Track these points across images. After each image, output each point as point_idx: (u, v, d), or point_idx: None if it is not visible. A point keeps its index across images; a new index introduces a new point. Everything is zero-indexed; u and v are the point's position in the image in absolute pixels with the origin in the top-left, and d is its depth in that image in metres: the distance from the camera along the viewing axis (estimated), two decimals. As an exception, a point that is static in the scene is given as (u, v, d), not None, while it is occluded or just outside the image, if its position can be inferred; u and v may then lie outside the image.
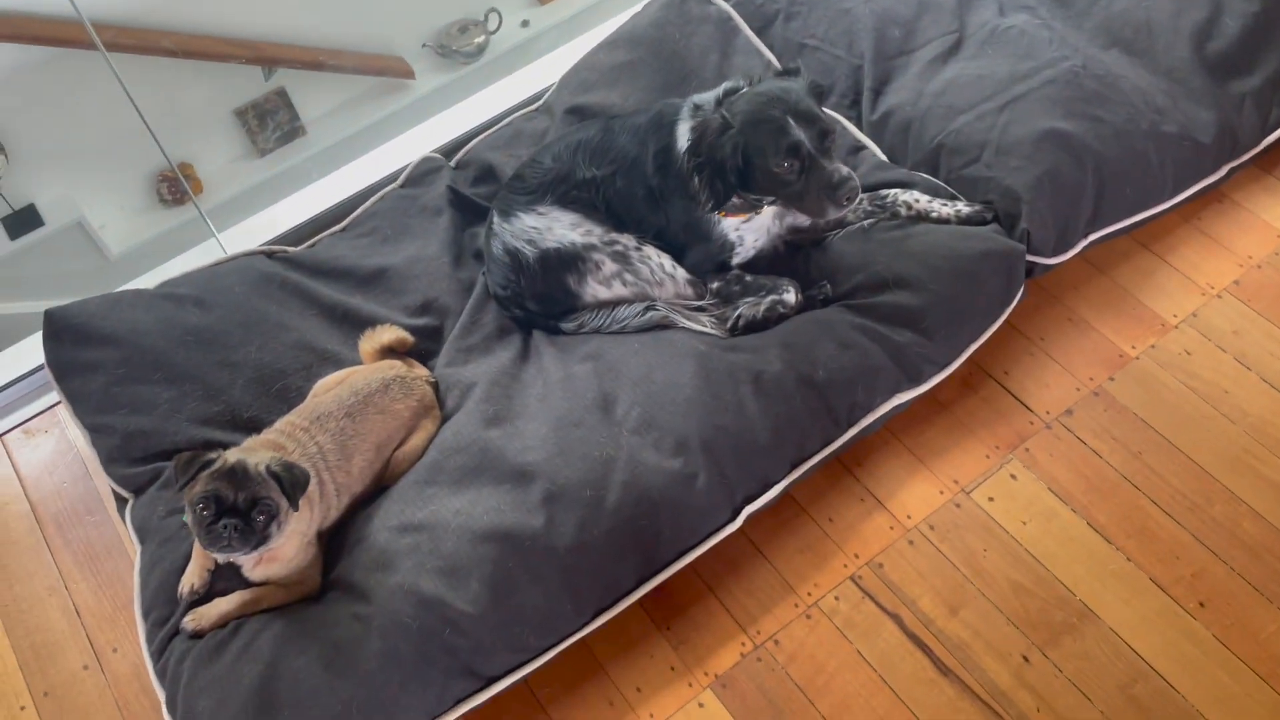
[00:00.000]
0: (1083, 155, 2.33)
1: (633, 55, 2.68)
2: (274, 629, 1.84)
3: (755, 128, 2.03)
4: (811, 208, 2.08)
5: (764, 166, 2.04)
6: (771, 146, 2.02)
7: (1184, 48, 2.53)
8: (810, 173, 2.03)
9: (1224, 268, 2.48)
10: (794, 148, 2.01)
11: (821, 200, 2.04)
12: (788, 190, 2.07)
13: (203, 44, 3.91)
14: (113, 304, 2.26)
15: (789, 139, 2.00)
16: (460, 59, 4.51)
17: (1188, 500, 2.14)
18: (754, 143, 2.03)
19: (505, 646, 1.88)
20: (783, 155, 2.01)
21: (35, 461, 2.46)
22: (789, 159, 2.02)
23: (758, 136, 2.03)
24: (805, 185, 2.04)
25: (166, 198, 4.19)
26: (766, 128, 2.02)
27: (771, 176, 2.05)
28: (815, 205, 2.06)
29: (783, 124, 2.01)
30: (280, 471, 1.75)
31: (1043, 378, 2.35)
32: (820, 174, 2.02)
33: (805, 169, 2.03)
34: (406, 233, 2.51)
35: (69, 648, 2.17)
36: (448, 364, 2.26)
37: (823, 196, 2.03)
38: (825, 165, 2.02)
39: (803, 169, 2.03)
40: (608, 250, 2.22)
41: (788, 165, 2.02)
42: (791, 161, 2.02)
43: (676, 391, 2.05)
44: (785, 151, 2.01)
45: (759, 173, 2.06)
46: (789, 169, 2.03)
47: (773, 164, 2.03)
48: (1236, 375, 2.31)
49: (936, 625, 2.03)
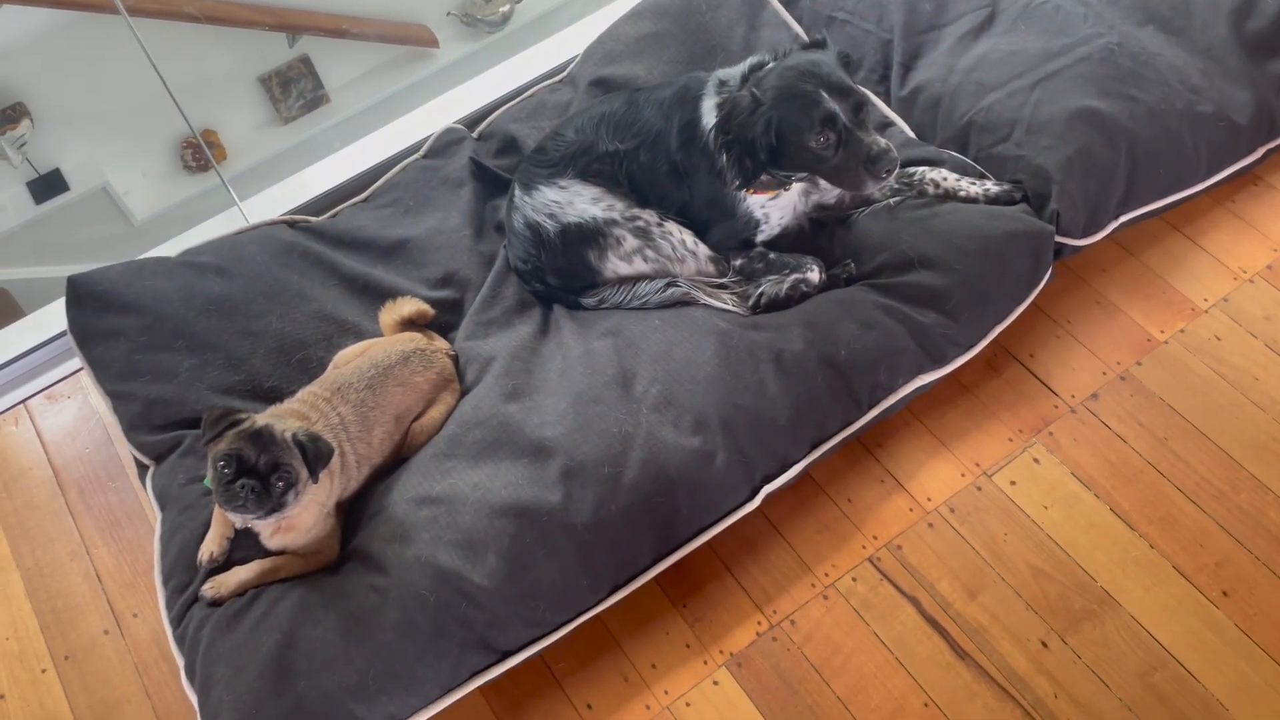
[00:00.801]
0: (1115, 135, 2.29)
1: (658, 27, 2.64)
2: (291, 598, 1.86)
3: (788, 103, 2.00)
4: (849, 181, 2.05)
5: (799, 142, 2.01)
6: (806, 121, 1.98)
7: (1222, 26, 2.47)
8: (847, 146, 2.00)
9: (1257, 252, 2.44)
10: (829, 120, 1.97)
11: (860, 173, 2.01)
12: (824, 165, 2.04)
13: (227, 10, 3.90)
14: (135, 271, 2.27)
15: (823, 112, 1.97)
16: (485, 28, 4.48)
17: (1213, 488, 2.12)
18: (787, 118, 2.00)
19: (521, 621, 1.88)
20: (818, 129, 1.98)
21: (58, 427, 2.47)
22: (825, 133, 1.98)
23: (791, 112, 2.00)
24: (843, 159, 2.01)
25: (191, 164, 4.20)
26: (800, 102, 1.99)
27: (807, 152, 2.02)
28: (853, 179, 2.03)
29: (816, 98, 1.97)
30: (306, 441, 1.76)
31: (1069, 361, 2.32)
32: (858, 147, 1.99)
33: (842, 142, 1.99)
34: (428, 204, 2.50)
35: (90, 612, 2.19)
36: (468, 337, 2.25)
37: (861, 169, 2.00)
38: (862, 138, 1.99)
39: (839, 143, 1.99)
40: (629, 225, 2.20)
41: (824, 140, 1.99)
42: (828, 135, 1.99)
43: (696, 369, 2.04)
44: (821, 125, 1.98)
45: (793, 149, 2.02)
46: (825, 143, 2.00)
47: (809, 139, 1.99)
48: (1268, 362, 2.27)
49: (955, 609, 2.02)
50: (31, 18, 3.63)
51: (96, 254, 2.78)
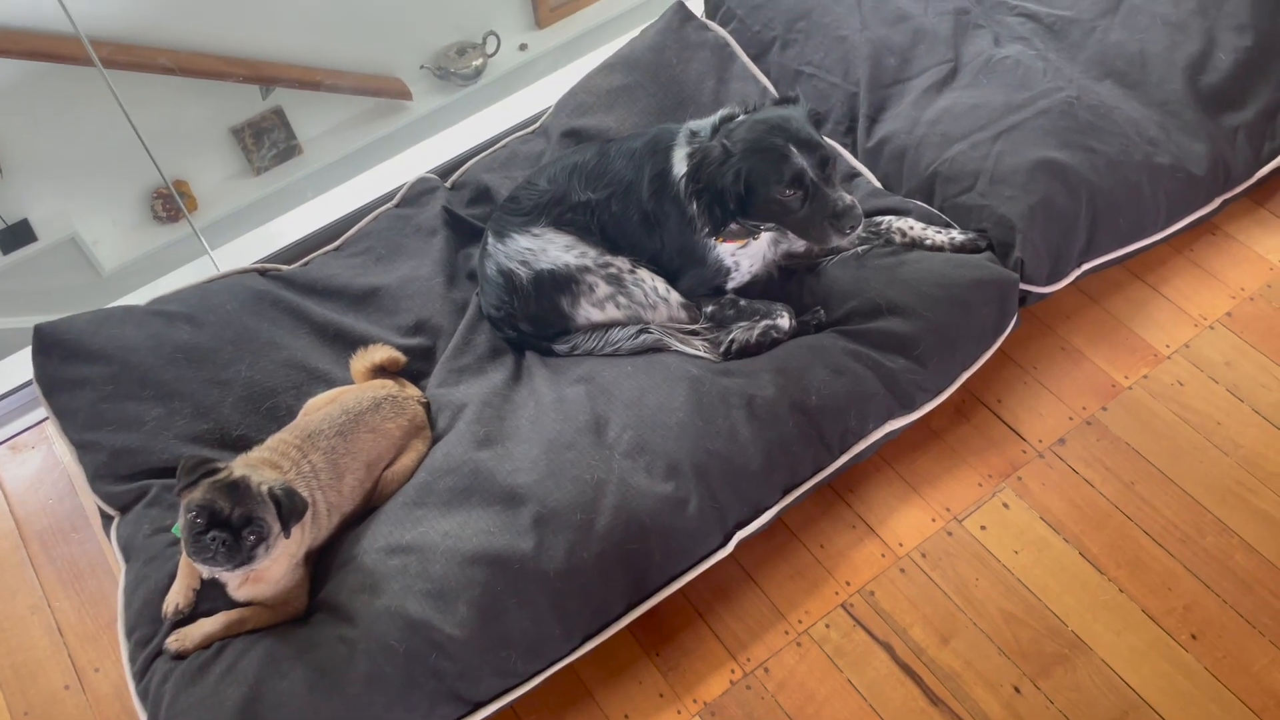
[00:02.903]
0: (1076, 185, 2.34)
1: (630, 79, 2.69)
2: (258, 650, 1.82)
3: (758, 155, 2.03)
4: (815, 234, 2.08)
5: (766, 194, 2.04)
6: (774, 174, 2.02)
7: (1177, 80, 2.55)
8: (814, 200, 2.03)
9: (1216, 299, 2.49)
10: (797, 176, 2.01)
11: (825, 228, 2.05)
12: (790, 218, 2.07)
13: (200, 62, 3.91)
14: (103, 320, 2.25)
15: (792, 167, 2.01)
16: (458, 81, 4.52)
17: (1180, 531, 2.14)
18: (756, 170, 2.04)
19: (492, 671, 1.86)
20: (786, 183, 2.02)
21: (21, 478, 2.43)
22: (792, 187, 2.02)
23: (760, 164, 2.03)
24: (809, 213, 2.05)
25: (161, 214, 4.18)
26: (769, 156, 2.02)
27: (774, 204, 2.05)
28: (818, 233, 2.07)
29: (785, 152, 2.01)
30: (281, 496, 1.74)
31: (1036, 406, 2.35)
32: (824, 202, 2.02)
33: (809, 197, 2.03)
34: (400, 252, 2.50)
35: (50, 667, 2.14)
36: (439, 384, 2.25)
37: (826, 224, 2.04)
38: (829, 193, 2.02)
39: (806, 197, 2.03)
40: (602, 273, 2.22)
41: (791, 193, 2.03)
42: (795, 190, 2.02)
43: (669, 415, 2.04)
44: (789, 180, 2.01)
45: (761, 200, 2.06)
46: (792, 197, 2.03)
47: (775, 192, 2.03)
48: (1229, 407, 2.31)
49: (928, 654, 2.02)
50: (1, 68, 3.63)
51: (64, 304, 2.76)
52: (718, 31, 2.78)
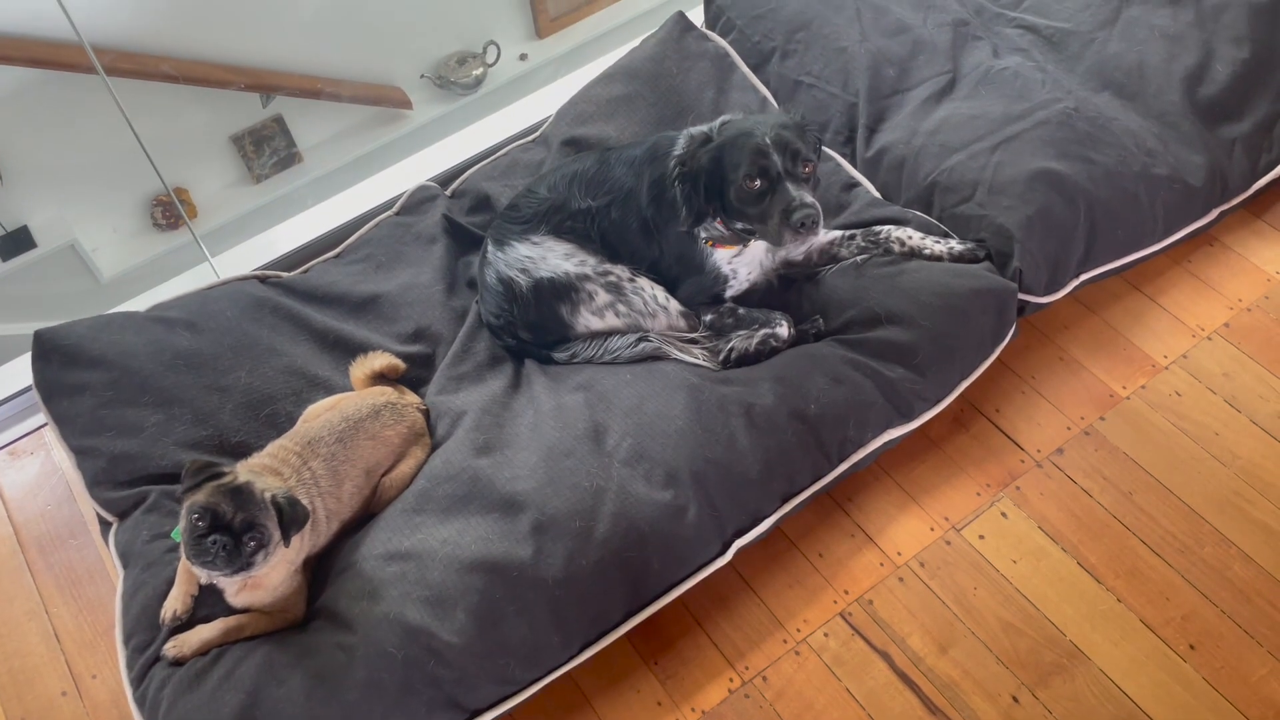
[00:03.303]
0: (1074, 195, 2.35)
1: (630, 89, 2.70)
2: (256, 657, 1.82)
3: (733, 142, 2.07)
4: (770, 233, 2.09)
5: (735, 181, 2.06)
6: (745, 162, 2.04)
7: (1175, 92, 2.56)
8: (774, 194, 2.04)
9: (1214, 310, 2.49)
10: (763, 168, 2.03)
11: (780, 226, 2.05)
12: (751, 211, 2.09)
13: (200, 70, 3.92)
14: (103, 326, 2.25)
15: (761, 159, 2.03)
16: (458, 90, 4.53)
17: (1178, 541, 2.14)
18: (729, 157, 2.06)
19: (490, 679, 1.86)
20: (752, 173, 2.04)
21: (19, 483, 2.43)
22: (757, 178, 2.04)
23: (734, 151, 2.06)
24: (767, 207, 2.06)
25: (160, 222, 4.19)
26: (743, 142, 2.06)
27: (740, 193, 2.07)
28: (774, 231, 2.07)
29: (759, 144, 2.04)
30: (284, 504, 1.74)
31: (1034, 416, 2.35)
32: (784, 197, 2.03)
33: (770, 190, 2.04)
34: (400, 260, 2.51)
35: (47, 673, 2.13)
36: (439, 392, 2.25)
37: (781, 222, 2.04)
38: (789, 189, 2.03)
39: (768, 190, 2.04)
40: (601, 281, 2.22)
41: (755, 184, 2.04)
42: (759, 180, 2.04)
43: (668, 423, 2.05)
44: (755, 170, 2.03)
45: (730, 188, 2.08)
46: (755, 187, 2.04)
47: (742, 179, 2.05)
48: (1227, 417, 2.31)
49: (926, 664, 2.02)
50: (2, 75, 3.63)
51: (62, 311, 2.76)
52: (717, 42, 2.79)
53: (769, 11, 2.81)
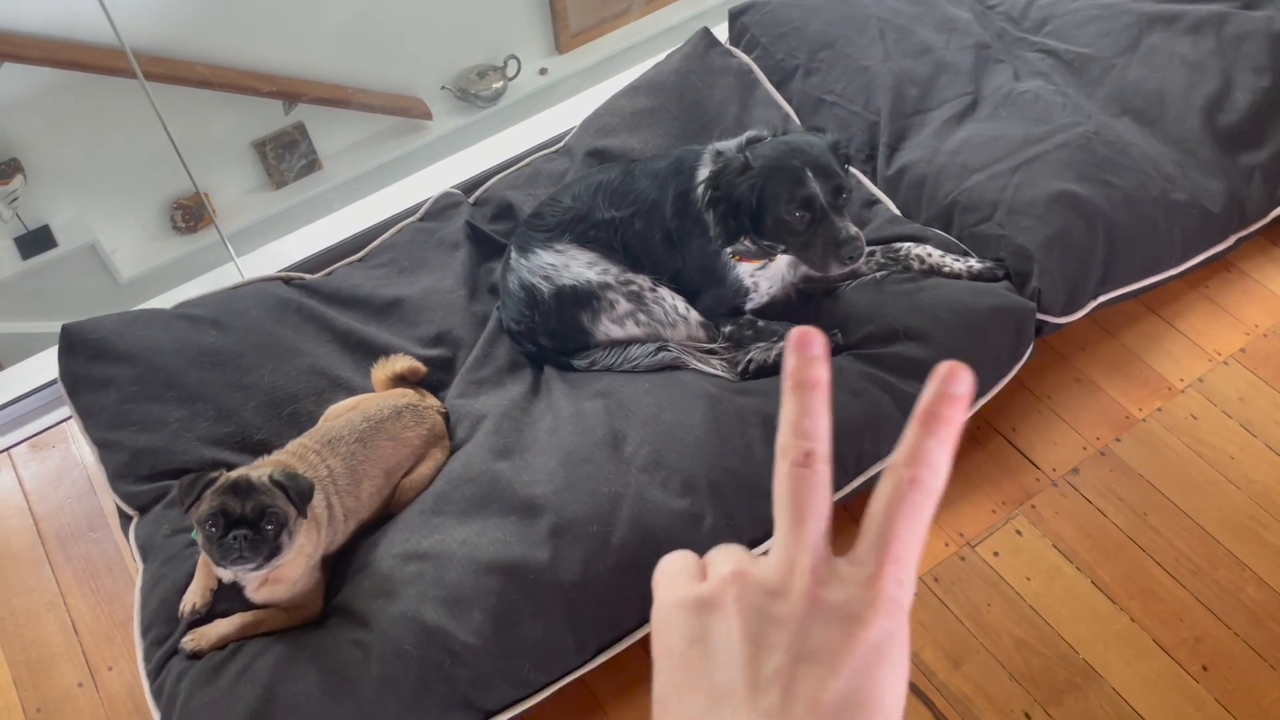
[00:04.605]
0: (1093, 218, 2.37)
1: (654, 102, 2.72)
2: (273, 652, 1.83)
3: (774, 173, 2.07)
4: (815, 261, 2.11)
5: (776, 213, 2.07)
6: (786, 194, 2.05)
7: (1194, 119, 2.58)
8: (819, 226, 2.06)
9: (1231, 335, 2.51)
10: (808, 200, 2.04)
11: (826, 255, 2.07)
12: (795, 240, 2.10)
13: (225, 75, 3.96)
14: (130, 321, 2.28)
15: (804, 191, 2.03)
16: (478, 103, 4.57)
17: (1192, 563, 2.15)
18: (770, 188, 2.07)
19: (505, 680, 1.87)
20: (795, 205, 2.04)
21: (41, 476, 2.45)
22: (801, 209, 2.05)
23: (775, 183, 2.06)
24: (812, 238, 2.07)
25: (180, 225, 4.22)
26: (784, 174, 2.05)
27: (781, 224, 2.08)
28: (819, 259, 2.09)
29: (800, 175, 2.04)
30: (284, 480, 1.76)
31: (1050, 436, 2.36)
32: (829, 229, 2.05)
33: (815, 221, 2.06)
34: (423, 265, 2.53)
35: (64, 664, 2.15)
36: (459, 395, 2.27)
37: (827, 251, 2.06)
38: (835, 221, 2.05)
39: (812, 221, 2.06)
40: (623, 290, 2.25)
41: (799, 215, 2.05)
42: (803, 213, 2.05)
43: (685, 432, 2.06)
44: (798, 202, 2.04)
45: (770, 218, 2.09)
46: (799, 219, 2.06)
47: (785, 212, 2.06)
48: (1242, 442, 2.32)
49: (939, 678, 2.02)
50: (30, 75, 3.68)
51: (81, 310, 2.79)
52: (742, 58, 2.82)
53: (793, 30, 2.85)
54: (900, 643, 0.48)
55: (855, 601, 0.48)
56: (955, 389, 0.51)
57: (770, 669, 0.46)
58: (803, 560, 0.49)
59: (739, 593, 0.49)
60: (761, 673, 0.46)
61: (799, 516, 0.50)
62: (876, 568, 0.49)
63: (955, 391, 0.51)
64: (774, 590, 0.49)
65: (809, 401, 0.52)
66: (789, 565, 0.49)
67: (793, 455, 0.51)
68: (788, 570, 0.49)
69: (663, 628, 0.51)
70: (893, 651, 0.47)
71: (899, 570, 0.49)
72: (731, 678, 0.46)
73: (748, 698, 0.45)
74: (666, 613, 0.51)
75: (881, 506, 0.50)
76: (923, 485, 0.50)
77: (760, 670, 0.46)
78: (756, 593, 0.49)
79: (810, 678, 0.45)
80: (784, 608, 0.48)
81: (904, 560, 0.49)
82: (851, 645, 0.46)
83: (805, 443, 0.52)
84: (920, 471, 0.50)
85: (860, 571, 0.49)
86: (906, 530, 0.49)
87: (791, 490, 0.51)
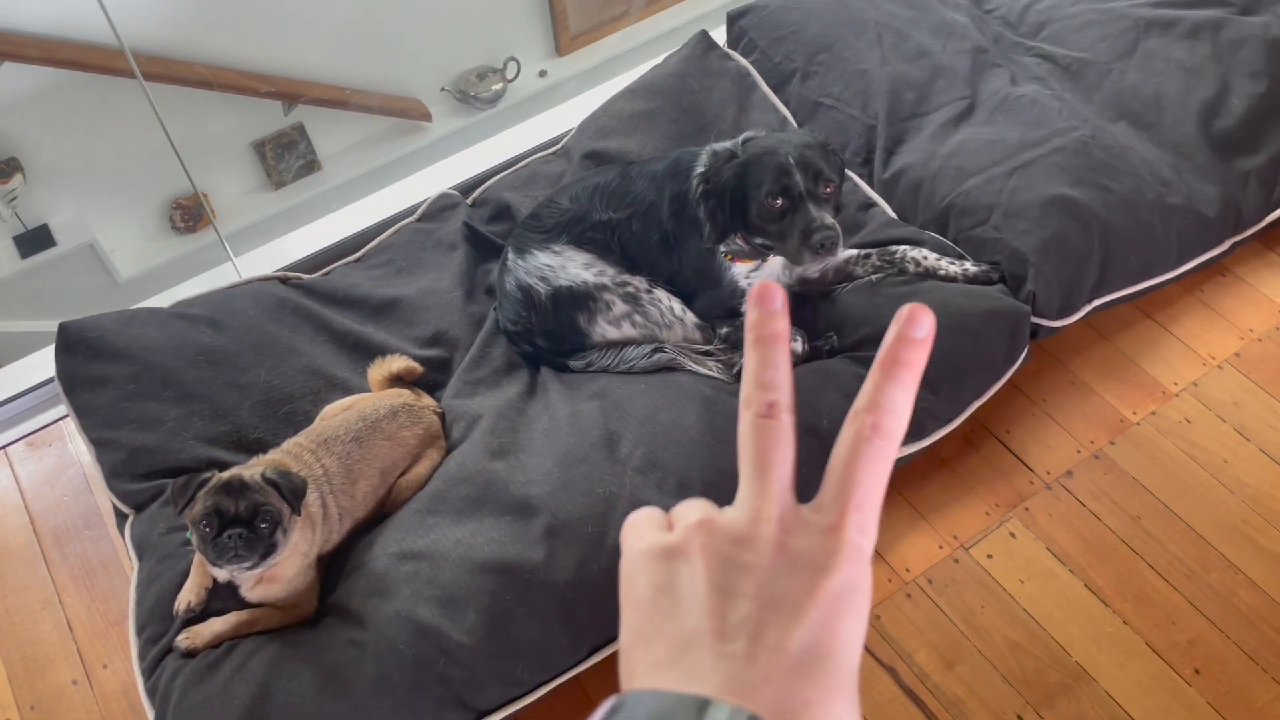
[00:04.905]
0: (1089, 222, 2.37)
1: (652, 104, 2.73)
2: (267, 651, 1.84)
3: (758, 160, 2.10)
4: (791, 252, 2.12)
5: (757, 199, 2.10)
6: (768, 180, 2.07)
7: (1191, 124, 2.59)
8: (795, 214, 2.07)
9: (1225, 339, 2.52)
10: (786, 187, 2.06)
11: (800, 245, 2.08)
12: (772, 229, 2.12)
13: (225, 76, 3.97)
14: (127, 320, 2.28)
15: (784, 177, 2.06)
16: (477, 105, 4.58)
17: (1185, 567, 2.15)
18: (753, 174, 2.10)
19: (499, 680, 1.87)
20: (775, 191, 2.07)
21: (37, 473, 2.46)
22: (779, 196, 2.07)
23: (757, 169, 2.10)
24: (789, 226, 2.09)
25: (179, 225, 4.23)
26: (767, 161, 2.09)
27: (761, 211, 2.10)
28: (795, 249, 2.10)
29: (782, 163, 2.07)
30: (277, 478, 1.76)
31: (1044, 439, 2.37)
32: (804, 217, 2.06)
33: (792, 209, 2.07)
34: (420, 266, 2.54)
35: (59, 662, 2.15)
36: (455, 395, 2.27)
37: (801, 241, 2.07)
38: (810, 209, 2.06)
39: (789, 210, 2.07)
40: (619, 291, 2.25)
41: (777, 202, 2.07)
42: (781, 200, 2.07)
43: (681, 433, 2.06)
44: (777, 188, 2.06)
45: (753, 205, 2.11)
46: (777, 206, 2.08)
47: (764, 197, 2.08)
48: (1236, 446, 2.33)
49: (932, 680, 2.03)
50: (30, 75, 3.68)
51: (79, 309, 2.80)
52: (739, 61, 2.83)
53: (791, 33, 2.85)
54: (862, 590, 0.48)
55: (819, 550, 0.48)
56: (916, 332, 0.51)
57: (737, 616, 0.46)
58: (769, 509, 0.49)
59: (705, 541, 0.49)
60: (729, 620, 0.46)
61: (763, 467, 0.51)
62: (839, 516, 0.49)
63: (916, 335, 0.51)
64: (740, 539, 0.49)
65: (771, 354, 0.52)
66: (755, 514, 0.49)
67: (756, 406, 0.52)
68: (754, 519, 0.49)
69: (629, 577, 0.51)
70: (855, 599, 0.47)
71: (861, 517, 0.49)
72: (698, 625, 0.47)
73: (714, 644, 0.46)
74: (634, 561, 0.51)
75: (843, 453, 0.51)
76: (884, 430, 0.51)
77: (727, 618, 0.46)
78: (723, 541, 0.49)
79: (776, 625, 0.46)
80: (750, 556, 0.48)
81: (866, 507, 0.49)
82: (815, 594, 0.46)
83: (768, 394, 0.52)
84: (881, 417, 0.51)
85: (824, 519, 0.49)
86: (868, 477, 0.50)
87: (756, 441, 0.51)
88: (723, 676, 0.44)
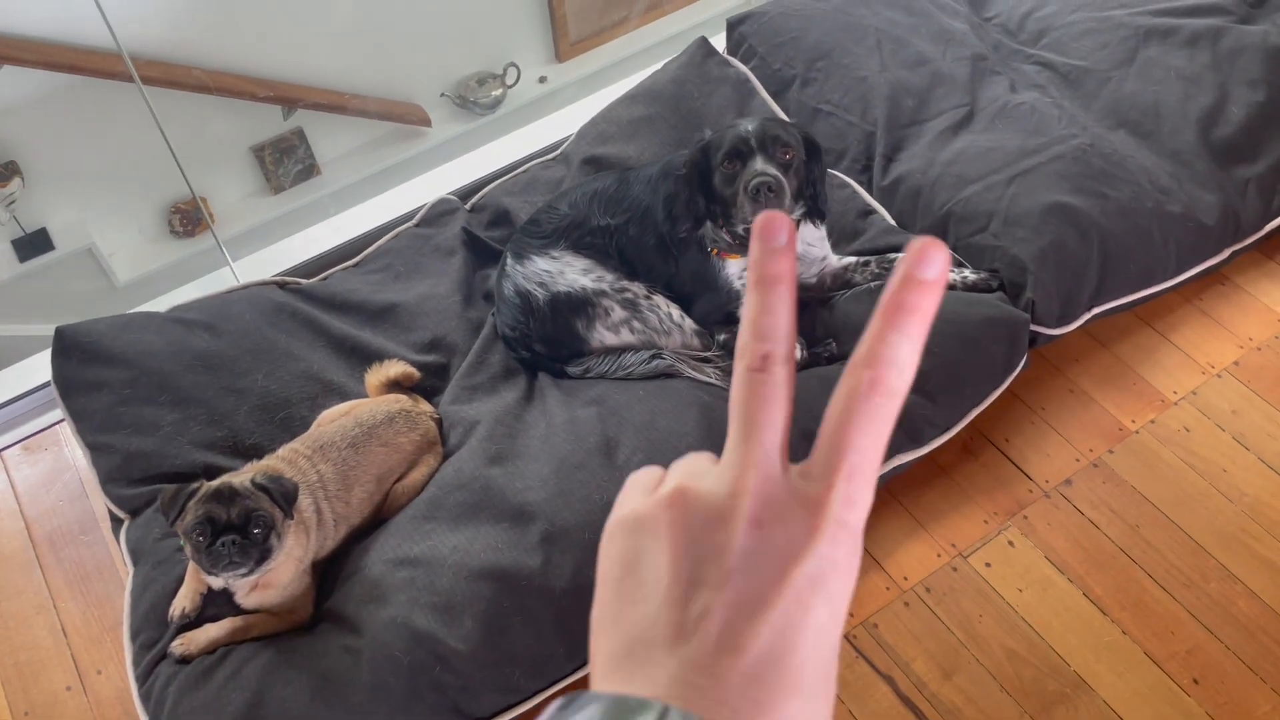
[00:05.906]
0: (1088, 230, 2.37)
1: (651, 110, 2.73)
2: (262, 657, 1.83)
3: (721, 134, 2.12)
4: (739, 214, 2.11)
5: (718, 167, 2.11)
6: (725, 146, 2.09)
7: (1190, 132, 2.59)
8: (743, 171, 2.08)
9: (1224, 348, 2.51)
10: (737, 150, 2.07)
11: (744, 200, 2.07)
12: (728, 193, 2.11)
13: (225, 80, 3.97)
14: (124, 325, 2.28)
15: (739, 143, 2.08)
16: (477, 110, 4.58)
17: (1183, 576, 2.15)
18: (714, 143, 2.12)
19: (494, 687, 1.86)
20: (730, 155, 2.08)
21: (32, 478, 2.45)
22: (732, 160, 2.08)
23: (718, 141, 2.12)
24: (737, 185, 2.09)
25: (178, 229, 4.22)
26: (729, 134, 2.11)
27: (721, 178, 2.11)
28: (740, 208, 2.09)
29: (740, 132, 2.08)
30: (268, 483, 1.75)
31: (1043, 447, 2.36)
32: (749, 171, 2.06)
33: (742, 168, 2.08)
34: (419, 271, 2.53)
35: (53, 668, 2.14)
36: (452, 401, 2.26)
37: (744, 194, 2.06)
38: (757, 162, 2.06)
39: (739, 171, 2.08)
40: (617, 297, 2.25)
41: (730, 166, 2.09)
42: (734, 163, 2.08)
43: (679, 440, 2.06)
44: (731, 150, 2.08)
45: (716, 175, 2.12)
46: (730, 168, 2.09)
47: (721, 162, 2.10)
48: (1235, 455, 2.32)
49: (930, 689, 2.02)
50: (28, 79, 3.68)
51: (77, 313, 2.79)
52: (739, 68, 2.83)
53: (790, 40, 2.85)
54: (842, 572, 0.43)
55: (797, 528, 0.43)
56: (926, 272, 0.44)
57: (697, 609, 0.42)
58: (749, 480, 0.44)
59: (675, 516, 0.45)
60: (688, 613, 0.42)
61: (750, 428, 0.45)
62: (825, 488, 0.43)
63: (926, 275, 0.44)
64: (714, 514, 0.44)
65: (770, 298, 0.46)
66: (733, 486, 0.44)
67: (748, 358, 0.46)
68: (732, 492, 0.44)
69: (605, 547, 0.47)
70: (830, 583, 0.42)
71: (850, 488, 0.43)
72: (656, 616, 0.43)
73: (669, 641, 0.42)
74: (610, 529, 0.48)
75: (837, 412, 0.44)
76: (884, 386, 0.44)
77: (687, 610, 0.42)
78: (695, 516, 0.44)
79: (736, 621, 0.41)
80: (721, 535, 0.43)
81: (858, 475, 0.43)
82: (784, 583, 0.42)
83: (763, 344, 0.46)
84: (882, 371, 0.44)
85: (809, 489, 0.43)
86: (863, 440, 0.43)
87: (745, 398, 0.45)
88: (672, 677, 0.41)
